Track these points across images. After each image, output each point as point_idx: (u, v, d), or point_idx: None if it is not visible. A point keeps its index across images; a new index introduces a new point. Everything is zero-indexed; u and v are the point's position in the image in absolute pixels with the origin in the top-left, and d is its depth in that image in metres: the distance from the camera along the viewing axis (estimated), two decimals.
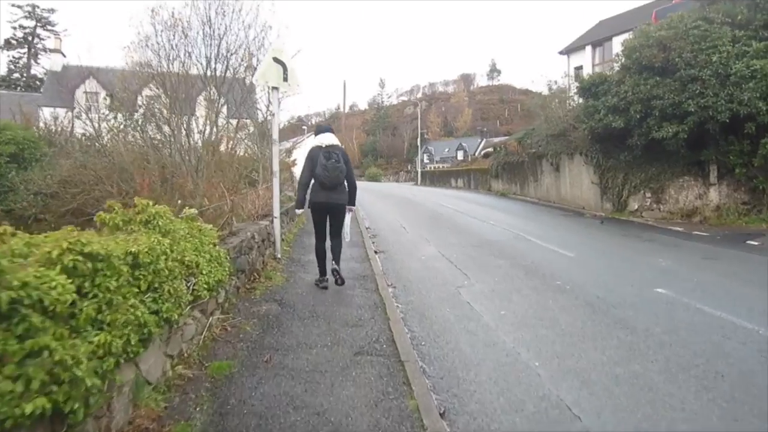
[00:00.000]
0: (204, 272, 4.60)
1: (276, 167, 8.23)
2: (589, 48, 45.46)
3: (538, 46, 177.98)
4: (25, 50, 50.86)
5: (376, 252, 9.96)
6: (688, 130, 13.33)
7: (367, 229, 13.13)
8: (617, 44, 35.29)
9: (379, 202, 20.68)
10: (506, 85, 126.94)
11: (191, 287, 4.34)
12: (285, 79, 8.25)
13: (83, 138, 15.23)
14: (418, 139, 54.29)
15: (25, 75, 50.46)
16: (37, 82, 46.67)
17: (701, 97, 13.14)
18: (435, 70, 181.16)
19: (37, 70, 51.00)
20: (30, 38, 50.61)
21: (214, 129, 14.62)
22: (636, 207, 15.07)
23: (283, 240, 10.20)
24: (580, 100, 18.90)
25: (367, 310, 5.92)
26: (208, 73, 13.56)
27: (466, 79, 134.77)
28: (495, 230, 12.55)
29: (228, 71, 14.38)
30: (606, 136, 15.42)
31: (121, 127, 13.78)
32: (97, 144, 13.30)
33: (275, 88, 8.27)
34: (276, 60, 8.20)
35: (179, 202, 10.50)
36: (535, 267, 8.40)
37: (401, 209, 18.27)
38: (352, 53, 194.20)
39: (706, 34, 13.77)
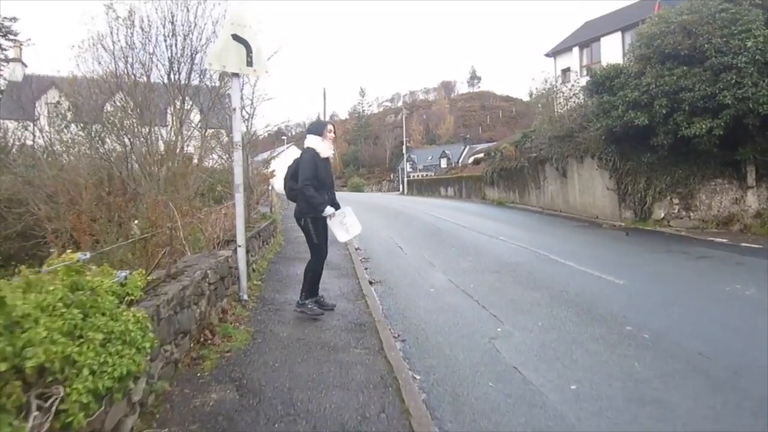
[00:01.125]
0: (86, 372, 2.53)
1: (239, 178, 6.17)
2: (576, 49, 44.13)
3: (518, 52, 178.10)
4: None
5: (371, 283, 7.93)
6: (723, 126, 11.55)
7: (357, 250, 11.09)
8: (606, 44, 33.94)
9: (367, 216, 18.59)
10: (487, 91, 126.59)
11: (48, 411, 2.26)
12: (249, 64, 6.22)
13: (33, 150, 13.25)
14: (404, 147, 52.45)
15: None
16: (0, 95, 43.88)
17: (738, 88, 11.38)
18: (415, 77, 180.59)
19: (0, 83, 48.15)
20: None
21: (179, 138, 12.82)
22: (662, 215, 13.25)
23: (254, 270, 8.12)
24: (582, 99, 17.14)
25: (372, 394, 3.86)
26: (172, 76, 11.82)
27: (447, 86, 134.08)
28: (510, 248, 10.58)
29: (194, 72, 12.68)
30: (624, 136, 13.61)
31: (76, 138, 11.92)
32: (48, 158, 11.36)
33: (236, 75, 6.23)
34: (236, 38, 6.16)
35: (119, 227, 8.38)
36: (583, 302, 6.42)
37: (393, 224, 16.24)
38: (332, 61, 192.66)
39: (737, 17, 12.05)
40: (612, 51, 29.09)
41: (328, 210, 5.66)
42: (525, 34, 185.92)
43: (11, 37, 48.02)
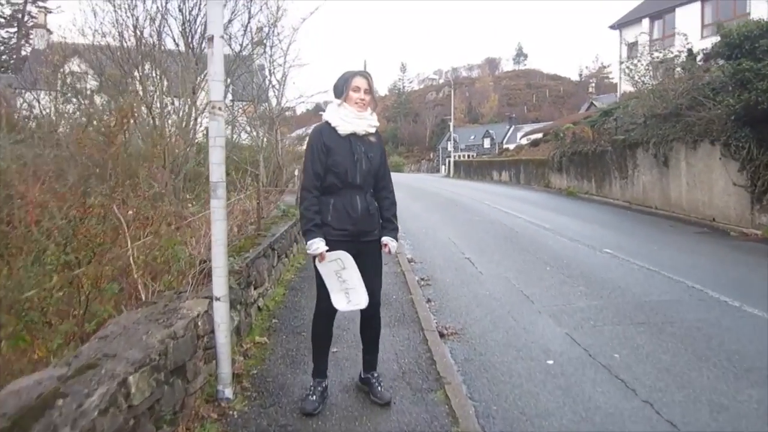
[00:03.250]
0: None
1: (217, 173, 3.19)
2: (646, 21, 39.60)
3: (566, 28, 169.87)
4: (15, 29, 46.34)
5: (443, 335, 4.96)
6: None
7: (411, 262, 8.11)
8: (682, 15, 29.75)
9: (415, 206, 15.54)
10: (533, 69, 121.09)
11: None
12: None
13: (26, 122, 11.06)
14: (450, 124, 48.66)
15: (15, 56, 46.01)
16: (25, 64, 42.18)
17: None
18: (458, 54, 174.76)
19: (28, 51, 46.54)
20: (20, 16, 46.06)
21: (193, 109, 10.24)
22: None
23: (259, 310, 5.22)
24: (681, 72, 13.56)
25: None
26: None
27: (491, 63, 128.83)
28: (633, 272, 7.37)
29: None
30: (767, 117, 10.15)
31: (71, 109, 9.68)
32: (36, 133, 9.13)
33: None
34: None
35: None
36: None
37: (450, 218, 13.16)
38: (372, 36, 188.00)
39: None
40: (689, 23, 25.07)
41: (314, 245, 3.21)
42: (575, 9, 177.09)
43: (40, 4, 46.34)
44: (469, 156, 68.92)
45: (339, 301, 3.26)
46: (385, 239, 3.44)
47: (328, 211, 3.26)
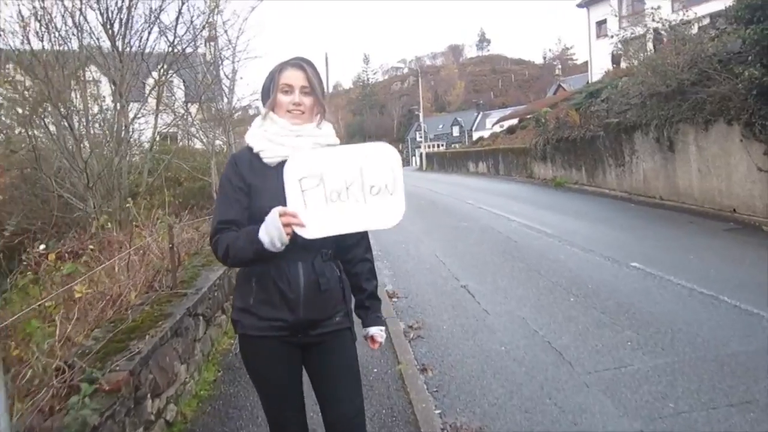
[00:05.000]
0: None
1: None
2: None
3: (528, 11, 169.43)
4: None
5: None
6: None
7: (390, 297, 6.30)
8: None
9: None
10: (497, 55, 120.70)
11: None
12: None
13: None
14: (420, 114, 46.70)
15: None
16: None
17: None
18: (421, 42, 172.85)
19: None
20: None
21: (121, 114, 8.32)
22: None
23: (169, 425, 3.33)
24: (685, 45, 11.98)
25: None
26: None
27: (455, 50, 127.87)
28: (688, 301, 5.62)
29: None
30: None
31: None
32: None
33: None
34: None
35: None
36: None
37: (432, 225, 11.33)
38: (333, 28, 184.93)
39: None
40: None
41: (269, 233, 1.78)
42: None
43: None
44: (438, 146, 67.34)
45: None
46: (370, 331, 2.24)
47: (249, 290, 2.01)
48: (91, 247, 5.23)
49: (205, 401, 3.84)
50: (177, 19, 9.29)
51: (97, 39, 8.61)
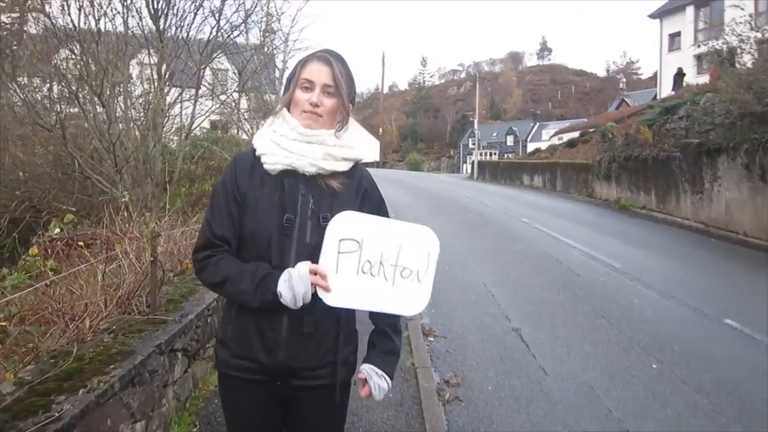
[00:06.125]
0: None
1: None
2: (690, 9, 36.25)
3: (593, 23, 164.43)
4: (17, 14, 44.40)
5: None
6: None
7: (426, 335, 5.26)
8: (731, 1, 26.30)
9: (433, 222, 12.58)
10: (558, 64, 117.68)
11: None
12: None
13: None
14: (475, 120, 45.19)
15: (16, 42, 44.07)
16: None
17: None
18: (480, 48, 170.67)
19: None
20: None
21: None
22: None
23: None
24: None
25: None
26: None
27: (515, 57, 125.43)
28: None
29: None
30: None
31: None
32: None
33: None
34: None
35: None
36: None
37: (480, 245, 10.19)
38: (392, 28, 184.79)
39: None
40: (739, 10, 21.85)
41: (291, 288, 1.54)
42: (601, 2, 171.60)
43: None
44: (491, 154, 65.58)
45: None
46: (365, 369, 1.68)
47: (229, 319, 1.69)
48: (80, 243, 4.48)
49: None
50: (223, 1, 8.76)
51: (140, 18, 8.20)
